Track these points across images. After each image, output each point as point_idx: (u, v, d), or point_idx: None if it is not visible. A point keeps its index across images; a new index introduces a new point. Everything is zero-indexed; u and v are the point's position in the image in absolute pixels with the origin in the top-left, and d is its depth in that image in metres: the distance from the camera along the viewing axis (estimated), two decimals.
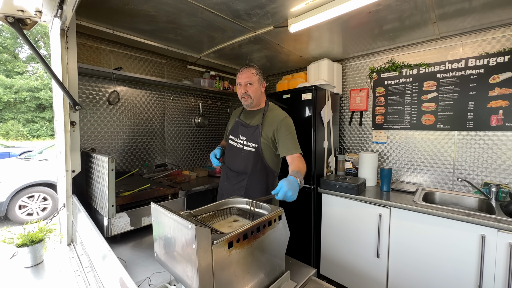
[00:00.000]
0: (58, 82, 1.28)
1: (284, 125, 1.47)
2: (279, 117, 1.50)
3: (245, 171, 1.51)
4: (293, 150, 1.43)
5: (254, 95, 1.51)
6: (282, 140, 1.45)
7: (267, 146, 1.49)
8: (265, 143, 1.49)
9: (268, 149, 1.50)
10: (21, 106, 14.82)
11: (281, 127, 1.46)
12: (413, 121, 2.18)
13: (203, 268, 0.66)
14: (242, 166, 1.52)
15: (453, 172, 2.01)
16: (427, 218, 1.61)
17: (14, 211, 3.89)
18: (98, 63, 2.10)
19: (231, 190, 1.55)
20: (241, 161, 1.53)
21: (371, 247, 1.86)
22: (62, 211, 1.46)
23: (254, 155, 1.49)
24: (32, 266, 1.20)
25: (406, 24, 1.80)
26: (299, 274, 1.01)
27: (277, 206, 0.96)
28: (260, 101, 1.58)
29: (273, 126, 1.48)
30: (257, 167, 1.49)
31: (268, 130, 1.49)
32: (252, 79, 1.49)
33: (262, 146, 1.49)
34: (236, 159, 1.56)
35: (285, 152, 1.44)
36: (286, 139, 1.45)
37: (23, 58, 16.05)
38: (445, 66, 2.00)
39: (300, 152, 1.45)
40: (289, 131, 1.47)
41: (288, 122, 1.50)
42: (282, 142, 1.45)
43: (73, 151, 1.41)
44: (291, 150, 1.43)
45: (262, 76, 1.56)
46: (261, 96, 1.57)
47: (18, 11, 1.13)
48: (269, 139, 1.48)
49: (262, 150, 1.49)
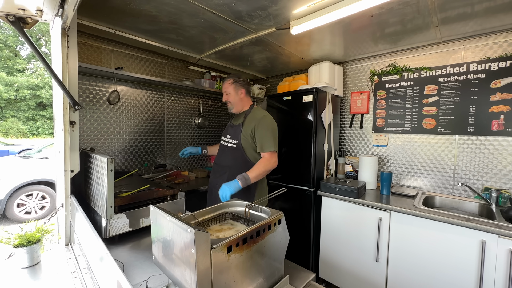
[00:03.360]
0: (58, 81, 1.27)
1: (261, 123, 1.64)
2: (258, 116, 1.69)
3: (228, 164, 1.70)
4: (264, 148, 1.61)
5: (232, 101, 1.75)
6: (257, 137, 1.64)
7: (247, 142, 1.67)
8: (244, 139, 1.67)
9: (248, 145, 1.67)
10: (21, 104, 14.80)
11: (258, 125, 1.64)
12: (414, 125, 2.17)
13: (202, 273, 0.65)
14: (226, 160, 1.74)
15: (453, 176, 2.00)
16: (427, 222, 1.60)
17: (12, 209, 3.88)
18: (99, 63, 2.09)
19: (215, 183, 1.71)
20: (225, 156, 1.76)
21: (370, 251, 1.85)
22: (60, 211, 1.45)
23: (235, 150, 1.70)
24: (29, 267, 1.19)
25: (408, 28, 1.80)
26: (298, 279, 1.00)
27: (277, 210, 0.96)
28: (242, 105, 1.78)
29: (252, 124, 1.66)
30: (237, 161, 1.67)
31: (247, 128, 1.67)
32: (229, 89, 1.74)
33: (242, 142, 1.68)
34: (222, 154, 1.79)
35: (258, 149, 1.63)
36: (260, 137, 1.63)
37: (24, 56, 16.05)
38: (446, 70, 2.00)
39: (272, 150, 1.61)
40: (265, 129, 1.63)
41: (265, 121, 1.66)
42: (257, 140, 1.64)
43: (72, 151, 1.40)
44: (262, 147, 1.62)
45: (240, 84, 1.75)
46: (241, 101, 1.76)
47: (19, 9, 1.12)
48: (248, 136, 1.66)
49: (242, 146, 1.68)
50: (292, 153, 2.31)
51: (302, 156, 2.23)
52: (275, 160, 1.61)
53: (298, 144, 2.27)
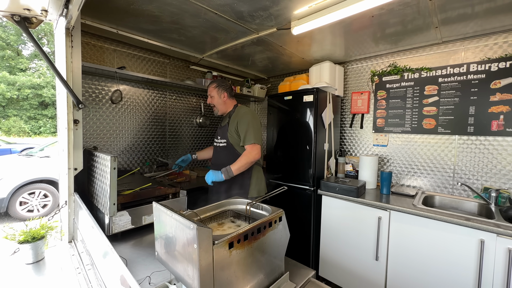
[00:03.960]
0: (62, 81, 1.29)
1: (243, 119, 1.75)
2: (240, 113, 1.80)
3: (222, 162, 1.77)
4: (245, 141, 1.72)
5: (216, 104, 1.87)
6: (240, 132, 1.74)
7: (234, 139, 1.78)
8: (231, 137, 1.78)
9: (235, 141, 1.78)
10: (23, 103, 14.86)
11: (240, 121, 1.75)
12: (414, 125, 2.19)
13: (204, 268, 0.66)
14: (220, 159, 1.83)
15: (453, 176, 2.01)
16: (427, 221, 1.61)
17: (15, 207, 3.91)
18: (102, 62, 2.11)
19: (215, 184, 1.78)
20: (218, 155, 1.87)
21: (370, 249, 1.86)
22: (63, 209, 1.47)
23: (226, 148, 1.81)
24: (34, 263, 1.21)
25: (408, 28, 1.81)
26: (298, 276, 1.02)
27: (277, 208, 0.97)
28: (225, 107, 1.89)
29: (235, 121, 1.77)
30: (229, 157, 1.75)
31: (232, 126, 1.79)
32: (212, 92, 1.86)
33: (230, 140, 1.79)
34: (216, 155, 1.91)
35: (241, 142, 1.74)
36: (242, 131, 1.73)
37: (26, 55, 16.11)
38: (446, 71, 2.01)
39: (252, 143, 1.70)
40: (245, 124, 1.73)
41: (246, 116, 1.76)
42: (240, 134, 1.74)
43: (75, 149, 1.42)
44: (244, 141, 1.73)
45: (223, 88, 1.86)
46: (224, 103, 1.87)
47: (24, 9, 1.14)
48: (234, 133, 1.77)
49: (231, 144, 1.79)
50: (293, 152, 2.33)
51: (303, 156, 2.24)
52: (257, 152, 1.71)
53: (298, 144, 2.28)
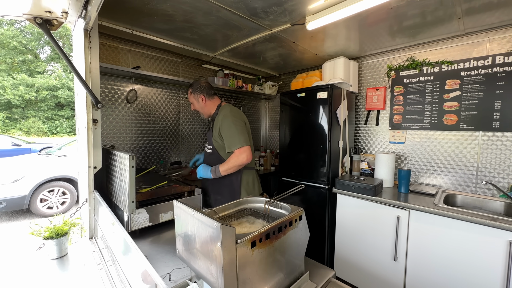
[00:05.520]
0: (81, 81, 1.32)
1: (223, 124, 1.64)
2: (220, 117, 1.68)
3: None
4: (231, 147, 1.60)
5: (198, 109, 1.79)
6: (224, 138, 1.64)
7: (218, 144, 1.70)
8: (216, 142, 1.71)
9: (220, 146, 1.70)
10: (41, 104, 15.49)
11: (221, 126, 1.64)
12: (433, 121, 2.10)
13: (228, 267, 0.66)
14: (208, 164, 1.73)
15: (476, 174, 1.92)
16: (449, 221, 1.55)
17: (36, 204, 4.08)
18: (117, 62, 2.15)
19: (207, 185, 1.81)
20: (207, 161, 1.81)
21: (388, 250, 1.81)
22: (84, 206, 1.52)
23: (212, 155, 1.75)
24: (58, 258, 1.25)
25: (428, 20, 1.73)
26: (318, 276, 1.00)
27: (297, 207, 0.96)
28: (208, 110, 1.78)
29: (217, 126, 1.68)
30: (215, 163, 1.67)
31: (215, 131, 1.70)
32: (191, 99, 1.78)
33: (215, 145, 1.72)
34: (205, 160, 1.85)
35: (227, 149, 1.63)
36: (225, 138, 1.63)
37: (43, 58, 16.75)
38: (469, 64, 1.91)
39: (238, 147, 1.57)
40: (227, 128, 1.62)
41: (226, 121, 1.63)
42: (224, 141, 1.64)
43: (95, 148, 1.45)
44: (229, 147, 1.61)
45: (198, 92, 1.74)
46: (205, 107, 1.76)
47: (46, 12, 1.17)
48: (217, 138, 1.69)
49: (216, 149, 1.72)
50: (307, 150, 2.30)
51: (317, 153, 2.21)
52: (247, 154, 1.56)
53: (312, 141, 2.25)
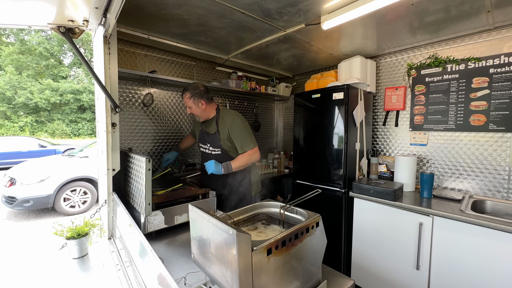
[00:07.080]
0: (101, 86, 1.36)
1: (233, 127, 1.71)
2: (228, 120, 1.74)
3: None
4: (244, 148, 1.71)
5: (197, 114, 1.77)
6: (235, 140, 1.72)
7: (228, 146, 1.75)
8: (225, 145, 1.75)
9: (230, 148, 1.76)
10: (65, 107, 16.39)
11: (231, 129, 1.71)
12: (459, 122, 1.98)
13: (243, 274, 0.64)
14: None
15: (508, 179, 1.78)
16: (478, 229, 1.44)
17: (59, 203, 4.30)
18: (134, 67, 2.21)
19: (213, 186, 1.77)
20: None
21: (409, 258, 1.72)
22: (103, 207, 1.56)
23: (221, 155, 1.77)
24: (79, 258, 1.29)
25: (452, 15, 1.63)
26: (336, 284, 0.96)
27: (313, 212, 0.92)
28: (207, 113, 1.79)
29: (226, 129, 1.73)
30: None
31: (223, 134, 1.74)
32: (189, 103, 1.75)
33: (225, 148, 1.75)
34: (205, 160, 1.79)
35: (239, 150, 1.72)
36: (237, 140, 1.71)
37: (67, 64, 17.73)
38: (500, 60, 1.78)
39: (251, 147, 1.70)
40: (238, 131, 1.71)
41: (236, 123, 1.72)
42: (236, 142, 1.72)
43: (113, 151, 1.49)
44: (243, 148, 1.71)
45: (198, 96, 1.73)
46: (204, 111, 1.77)
47: (68, 21, 1.22)
48: (226, 141, 1.74)
49: (226, 151, 1.76)
50: (322, 152, 2.24)
51: (332, 156, 2.15)
52: (258, 154, 1.74)
53: (328, 143, 2.19)
